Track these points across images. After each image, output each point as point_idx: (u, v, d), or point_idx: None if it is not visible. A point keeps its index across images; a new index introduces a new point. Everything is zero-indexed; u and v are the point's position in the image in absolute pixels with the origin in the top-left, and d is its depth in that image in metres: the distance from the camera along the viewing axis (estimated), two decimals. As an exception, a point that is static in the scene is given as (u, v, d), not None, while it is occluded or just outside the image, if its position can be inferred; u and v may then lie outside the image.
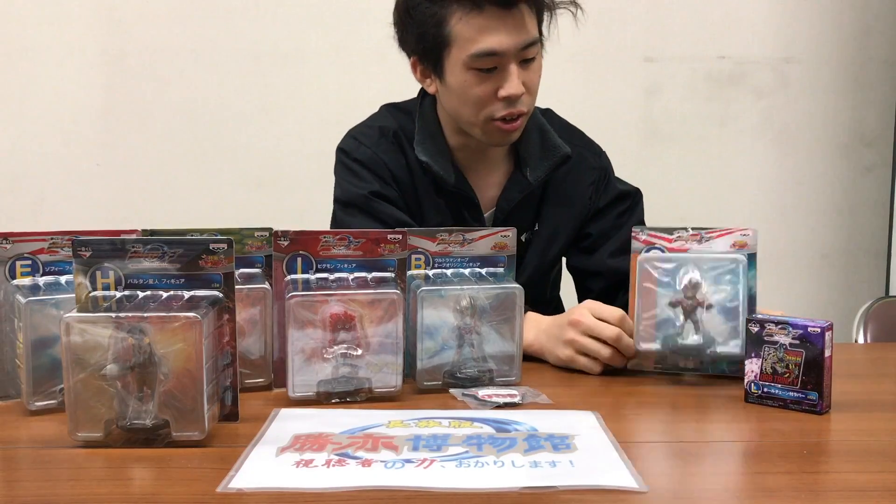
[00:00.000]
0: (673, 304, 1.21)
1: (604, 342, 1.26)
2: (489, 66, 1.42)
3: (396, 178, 1.55)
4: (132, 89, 2.64)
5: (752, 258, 1.23)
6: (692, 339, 1.21)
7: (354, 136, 1.59)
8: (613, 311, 1.28)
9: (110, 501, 0.82)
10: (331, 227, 1.57)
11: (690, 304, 1.21)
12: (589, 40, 2.57)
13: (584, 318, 1.27)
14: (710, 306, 1.21)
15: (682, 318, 1.21)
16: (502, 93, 1.43)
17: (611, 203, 1.64)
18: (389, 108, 1.64)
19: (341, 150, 1.59)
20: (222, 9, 2.63)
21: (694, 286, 1.21)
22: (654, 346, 1.22)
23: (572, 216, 1.62)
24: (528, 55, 1.43)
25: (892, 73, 2.75)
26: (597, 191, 1.64)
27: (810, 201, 2.81)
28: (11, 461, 0.94)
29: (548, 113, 1.67)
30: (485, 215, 1.59)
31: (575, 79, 2.65)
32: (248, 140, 2.66)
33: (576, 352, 1.28)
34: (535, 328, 1.34)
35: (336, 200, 1.57)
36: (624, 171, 1.70)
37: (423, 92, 1.60)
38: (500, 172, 1.60)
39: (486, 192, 1.60)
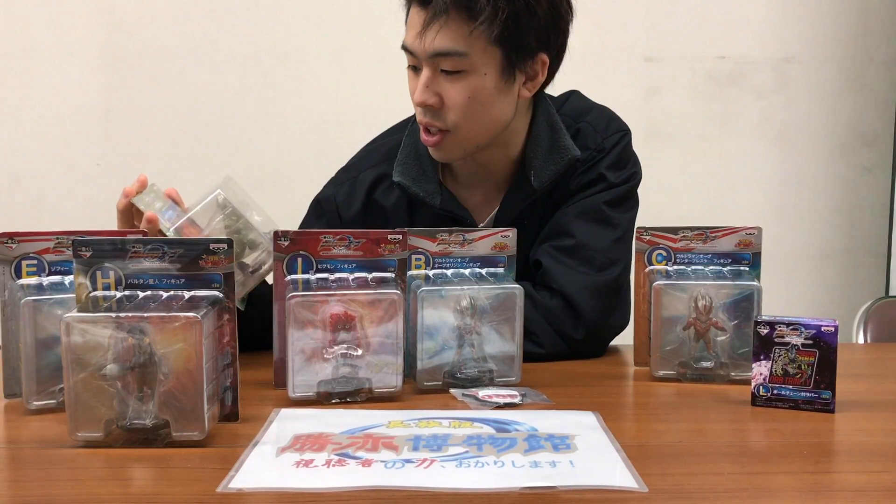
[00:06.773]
0: (685, 327, 1.23)
1: None
2: (412, 63, 1.37)
3: (344, 219, 1.48)
4: (132, 89, 2.63)
5: (756, 257, 1.24)
6: (704, 364, 1.23)
7: (335, 176, 1.55)
8: None
9: (110, 501, 0.82)
10: None
11: (703, 326, 1.22)
12: (589, 40, 2.57)
13: None
14: (722, 329, 1.22)
15: (694, 339, 1.23)
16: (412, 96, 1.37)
17: (584, 186, 1.45)
18: (388, 133, 1.56)
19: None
20: (222, 9, 2.62)
21: (707, 309, 1.21)
22: (671, 373, 1.24)
23: None
24: (444, 65, 1.33)
25: (892, 73, 2.75)
26: (579, 172, 1.46)
27: (810, 201, 2.81)
28: (11, 461, 0.94)
29: (573, 95, 1.56)
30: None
31: (575, 79, 2.64)
32: (248, 140, 2.65)
33: None
34: None
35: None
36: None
37: None
38: (501, 179, 1.48)
39: (486, 203, 1.49)
